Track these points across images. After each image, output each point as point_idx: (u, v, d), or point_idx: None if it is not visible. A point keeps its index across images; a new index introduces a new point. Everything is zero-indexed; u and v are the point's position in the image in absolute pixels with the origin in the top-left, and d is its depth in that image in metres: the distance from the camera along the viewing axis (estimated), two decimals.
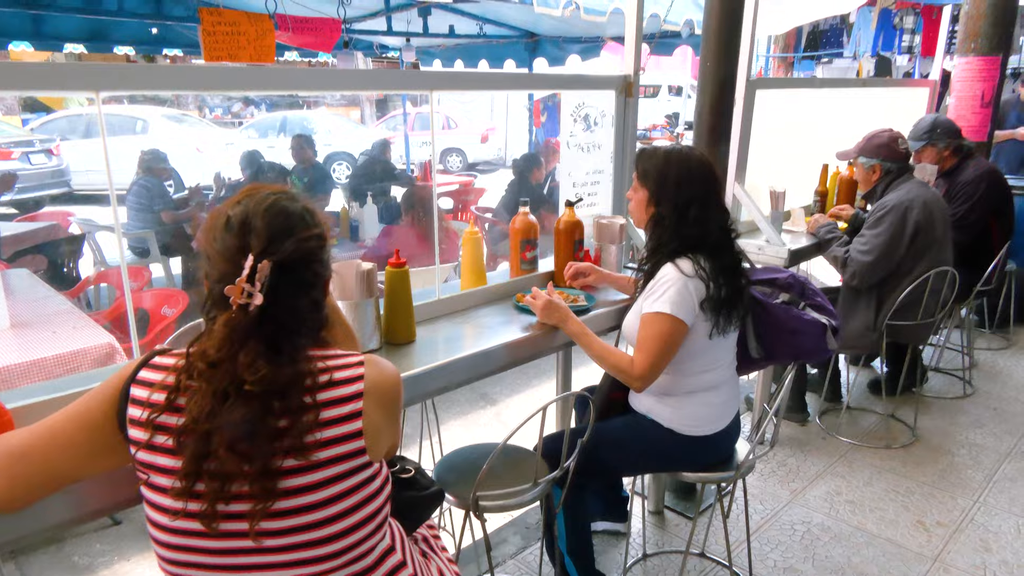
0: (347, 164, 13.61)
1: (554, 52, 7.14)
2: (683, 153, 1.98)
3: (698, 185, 1.92)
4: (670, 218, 1.93)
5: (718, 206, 1.96)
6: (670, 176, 1.94)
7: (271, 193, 1.12)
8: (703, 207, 1.91)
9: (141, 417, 1.03)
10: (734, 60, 2.44)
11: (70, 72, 1.38)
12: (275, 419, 1.02)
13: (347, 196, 6.65)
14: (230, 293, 1.03)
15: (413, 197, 4.39)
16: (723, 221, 1.95)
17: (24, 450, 1.07)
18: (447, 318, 2.17)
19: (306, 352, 1.09)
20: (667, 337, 1.87)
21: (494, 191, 8.07)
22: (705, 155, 2.02)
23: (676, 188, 1.93)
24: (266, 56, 5.42)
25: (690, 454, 2.05)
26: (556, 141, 6.54)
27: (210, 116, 17.53)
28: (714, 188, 1.95)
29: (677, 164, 1.95)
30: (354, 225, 4.89)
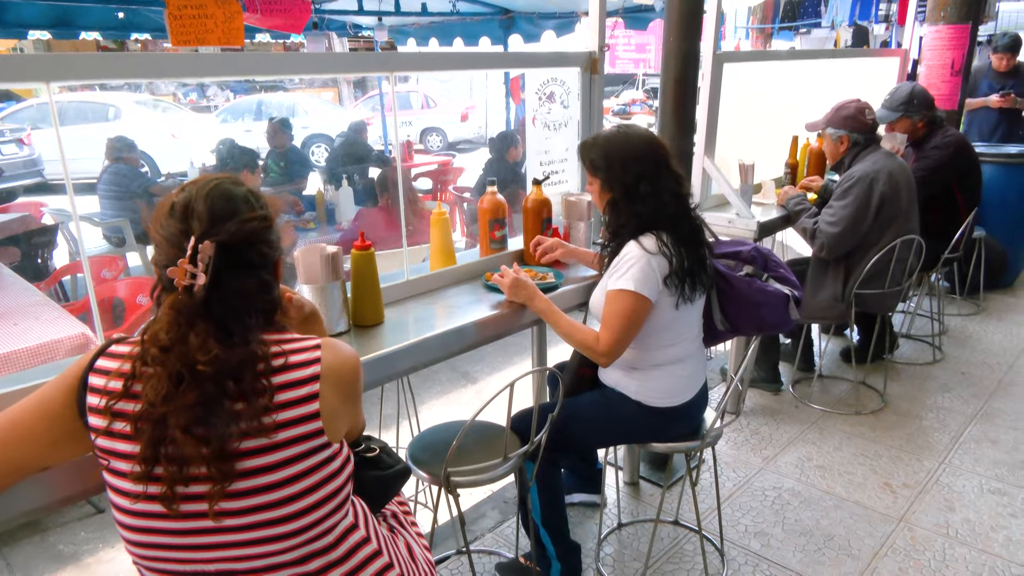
0: (326, 147, 13.48)
1: (529, 29, 7.09)
2: (621, 134, 2.00)
3: (642, 161, 1.94)
4: (623, 200, 1.97)
5: (670, 175, 1.97)
6: (613, 160, 1.97)
7: (215, 178, 1.13)
8: (652, 181, 1.93)
9: (99, 405, 1.05)
10: (696, 34, 2.45)
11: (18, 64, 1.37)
12: (230, 401, 1.04)
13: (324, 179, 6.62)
14: (173, 275, 1.04)
15: (387, 179, 4.37)
16: (676, 188, 1.97)
17: None
18: (416, 299, 2.19)
19: (258, 334, 1.10)
20: (631, 314, 1.90)
21: (473, 170, 8.05)
22: (644, 129, 2.04)
23: (622, 169, 1.95)
24: (235, 39, 5.34)
25: (658, 425, 2.09)
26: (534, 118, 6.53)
27: (185, 101, 17.26)
28: (660, 159, 1.96)
29: (618, 146, 1.97)
30: (330, 208, 4.87)
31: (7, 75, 1.37)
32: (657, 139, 2.01)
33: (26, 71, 1.38)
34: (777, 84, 3.72)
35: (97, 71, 1.45)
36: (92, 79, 1.41)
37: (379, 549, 1.23)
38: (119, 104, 12.04)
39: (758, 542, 2.43)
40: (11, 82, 1.30)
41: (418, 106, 15.55)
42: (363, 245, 1.89)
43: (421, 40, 7.76)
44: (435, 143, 15.43)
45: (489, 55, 2.22)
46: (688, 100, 2.51)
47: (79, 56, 1.39)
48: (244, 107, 14.29)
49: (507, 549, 2.46)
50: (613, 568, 2.36)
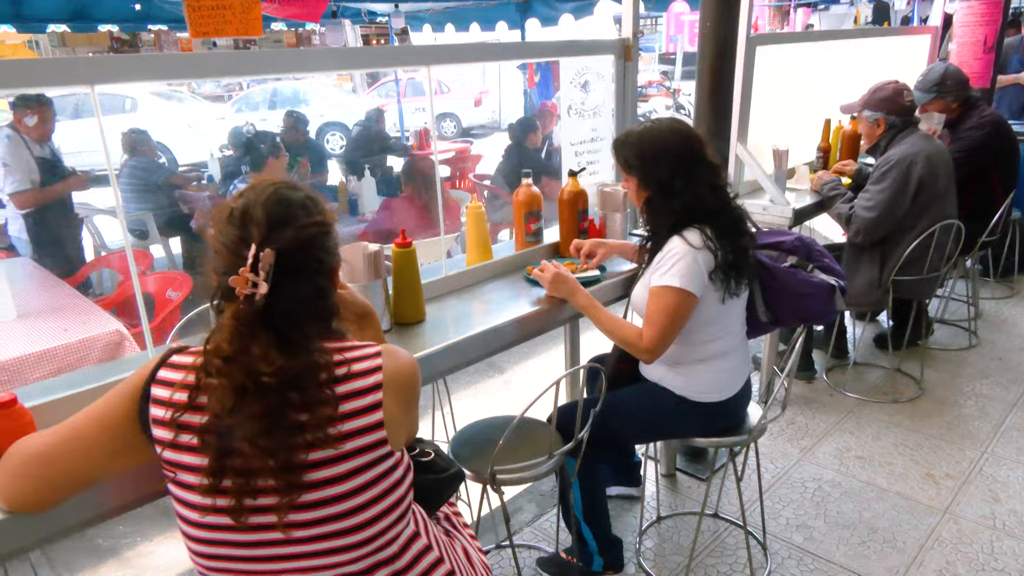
0: (340, 134, 13.46)
1: (546, 12, 7.00)
2: (652, 129, 1.96)
3: (676, 156, 1.90)
4: (659, 197, 1.94)
5: (706, 167, 1.92)
6: (647, 157, 1.93)
7: (272, 184, 1.11)
8: (688, 175, 1.90)
9: (164, 417, 1.04)
10: (734, 19, 2.39)
11: (62, 68, 1.35)
12: (294, 412, 1.02)
13: (343, 169, 6.59)
14: (235, 284, 1.02)
15: (412, 169, 4.35)
16: (713, 180, 1.93)
17: (47, 452, 1.08)
18: (455, 295, 2.16)
19: (318, 342, 1.08)
20: (676, 310, 1.87)
21: (490, 157, 7.99)
22: (677, 122, 2.00)
23: (656, 166, 1.92)
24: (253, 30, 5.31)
25: (702, 421, 2.07)
26: (553, 104, 6.45)
27: (199, 90, 17.25)
28: (694, 152, 1.92)
29: (650, 142, 1.93)
30: (352, 199, 4.85)
31: (54, 79, 1.36)
32: (691, 131, 1.97)
33: (72, 75, 1.36)
34: (807, 65, 3.64)
35: (138, 72, 1.43)
36: (134, 80, 1.39)
37: (441, 556, 1.22)
38: (136, 96, 12.06)
39: (801, 535, 2.41)
40: (59, 86, 1.28)
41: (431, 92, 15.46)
42: (404, 243, 1.87)
43: (437, 26, 7.70)
44: (449, 129, 15.36)
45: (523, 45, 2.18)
46: (725, 86, 2.46)
47: (122, 58, 1.37)
48: (259, 96, 14.28)
49: (546, 543, 2.46)
50: (654, 562, 2.35)
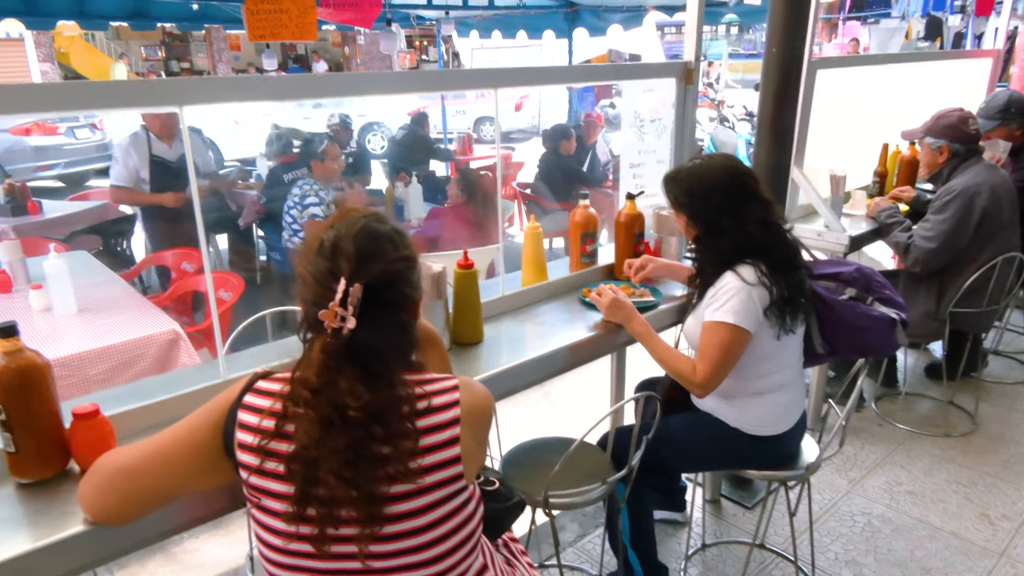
0: (381, 135, 13.59)
1: (594, 22, 6.99)
2: (702, 166, 1.96)
3: (725, 194, 1.89)
4: (706, 235, 1.94)
5: (758, 204, 1.91)
6: (695, 195, 1.93)
7: (361, 216, 1.13)
8: (736, 214, 1.88)
9: (251, 443, 1.06)
10: (800, 44, 2.36)
11: (152, 89, 1.39)
12: (377, 445, 1.04)
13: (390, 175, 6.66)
14: (324, 318, 1.04)
15: (463, 179, 4.38)
16: (765, 217, 1.91)
17: (133, 468, 1.12)
18: (510, 315, 2.17)
19: (401, 376, 1.10)
20: (730, 345, 1.85)
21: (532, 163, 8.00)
22: (727, 158, 1.99)
23: (703, 204, 1.91)
24: (308, 34, 5.41)
25: (756, 453, 2.04)
26: (598, 115, 6.44)
27: None
28: (744, 189, 1.90)
29: (698, 180, 1.93)
30: (399, 205, 4.90)
31: (143, 100, 1.40)
32: (741, 168, 1.96)
33: (161, 96, 1.40)
34: (864, 88, 3.58)
35: (224, 94, 1.47)
36: (221, 101, 1.42)
37: None
38: None
39: (850, 572, 2.37)
40: (148, 107, 1.32)
41: (472, 95, 15.53)
42: (466, 264, 1.89)
43: (484, 32, 7.73)
44: (488, 132, 15.41)
45: (589, 68, 2.18)
46: (787, 112, 2.43)
47: (210, 80, 1.40)
48: None
49: (590, 565, 2.45)
50: None
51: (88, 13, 6.13)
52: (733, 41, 24.73)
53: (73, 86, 1.30)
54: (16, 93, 1.27)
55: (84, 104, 1.31)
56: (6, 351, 1.25)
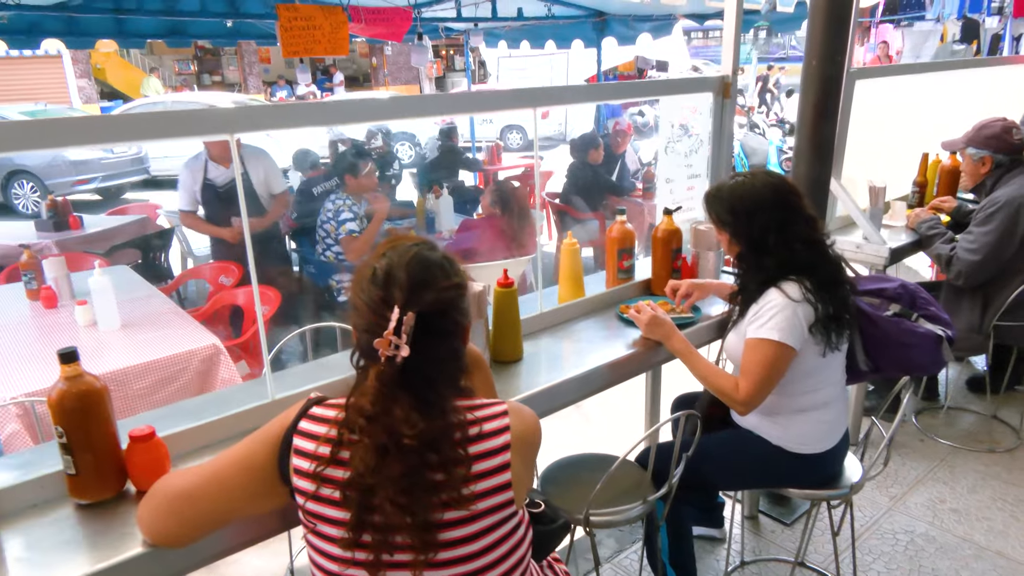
0: (409, 144, 13.71)
1: (623, 31, 6.99)
2: (746, 184, 1.94)
3: (769, 211, 1.88)
4: (750, 253, 1.93)
5: (801, 221, 1.89)
6: (739, 213, 1.92)
7: (413, 244, 1.15)
8: (781, 231, 1.87)
9: (308, 469, 1.08)
10: (841, 57, 2.34)
11: (205, 118, 1.42)
12: (431, 472, 1.05)
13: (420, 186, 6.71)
14: (379, 346, 1.06)
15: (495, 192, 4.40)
16: (810, 234, 1.89)
17: (191, 492, 1.14)
18: (548, 332, 2.17)
19: (453, 402, 1.11)
20: (774, 363, 1.84)
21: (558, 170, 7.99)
22: (770, 175, 1.97)
23: (748, 222, 1.91)
24: (340, 49, 5.49)
25: (798, 472, 2.02)
26: (628, 124, 6.43)
27: (275, 98, 17.87)
28: (788, 206, 1.89)
29: (741, 198, 1.92)
30: (430, 217, 4.93)
31: (196, 129, 1.44)
32: (785, 184, 1.95)
33: (213, 125, 1.44)
34: (902, 96, 3.53)
35: (276, 121, 1.50)
36: (270, 128, 1.45)
37: None
38: (217, 104, 12.55)
39: None
40: (201, 135, 1.35)
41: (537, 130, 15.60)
42: (506, 282, 1.90)
43: (512, 43, 7.77)
44: (515, 140, 15.47)
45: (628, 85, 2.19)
46: (827, 126, 2.40)
47: (259, 108, 1.43)
48: None
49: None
50: None
51: (126, 32, 6.29)
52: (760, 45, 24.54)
53: (132, 118, 1.35)
54: (80, 125, 1.32)
55: (144, 135, 1.35)
56: (67, 376, 1.29)
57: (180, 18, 5.90)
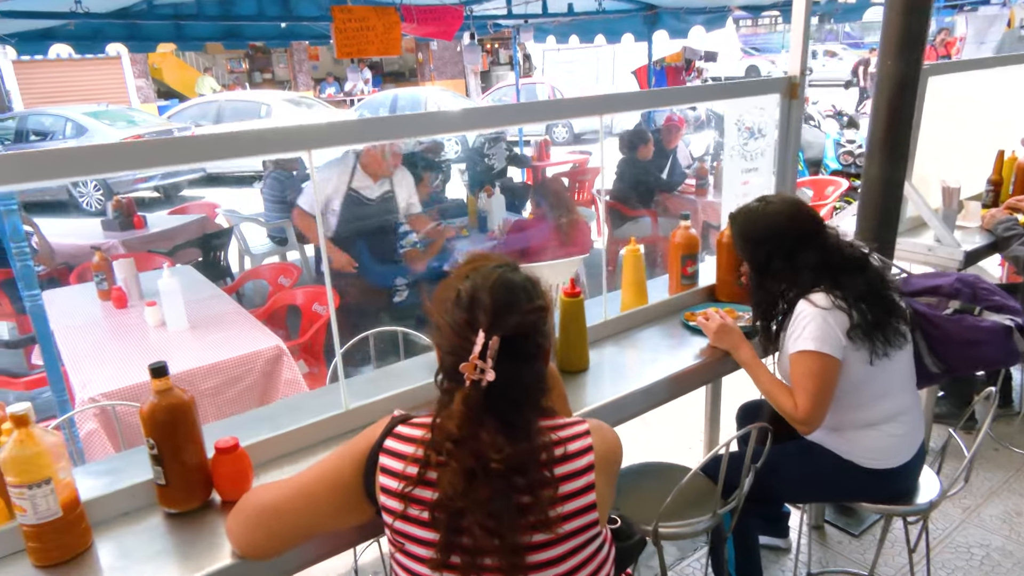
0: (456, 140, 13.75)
1: (675, 24, 6.87)
2: (758, 210, 1.95)
3: (779, 237, 1.89)
4: (754, 276, 1.97)
5: (811, 249, 1.87)
6: (748, 237, 1.96)
7: (497, 266, 1.15)
8: (788, 257, 1.88)
9: (395, 488, 1.09)
10: (918, 58, 2.25)
11: (282, 136, 1.45)
12: (518, 495, 1.06)
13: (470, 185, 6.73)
14: (464, 370, 1.06)
15: (544, 189, 4.38)
16: (821, 258, 1.86)
17: (278, 506, 1.17)
18: (612, 340, 2.16)
19: (537, 424, 1.11)
20: (820, 374, 1.79)
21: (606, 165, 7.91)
22: (788, 200, 1.97)
23: (754, 247, 1.94)
24: (392, 49, 5.54)
25: (871, 486, 1.96)
26: (680, 118, 6.32)
27: (324, 95, 18.16)
28: (800, 233, 1.88)
29: (752, 223, 1.95)
30: (482, 216, 4.94)
31: (274, 147, 1.46)
32: (801, 210, 1.93)
33: (289, 142, 1.46)
34: (974, 89, 3.38)
35: (343, 137, 1.52)
36: (345, 144, 1.47)
37: None
38: (270, 102, 12.82)
39: None
40: (278, 153, 1.38)
41: (544, 97, 15.56)
42: (573, 292, 1.89)
43: (561, 38, 7.72)
44: (561, 135, 15.38)
45: (692, 90, 2.16)
46: (902, 128, 2.31)
47: (335, 125, 1.45)
48: (379, 102, 14.85)
49: None
50: None
51: (185, 36, 6.46)
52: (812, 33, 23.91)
53: (211, 138, 1.37)
54: (162, 147, 1.36)
55: (220, 154, 1.37)
56: (158, 390, 1.33)
57: (237, 22, 6.02)
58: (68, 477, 1.26)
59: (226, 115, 12.63)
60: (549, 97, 15.62)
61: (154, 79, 17.54)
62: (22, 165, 1.17)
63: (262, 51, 20.18)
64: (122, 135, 10.35)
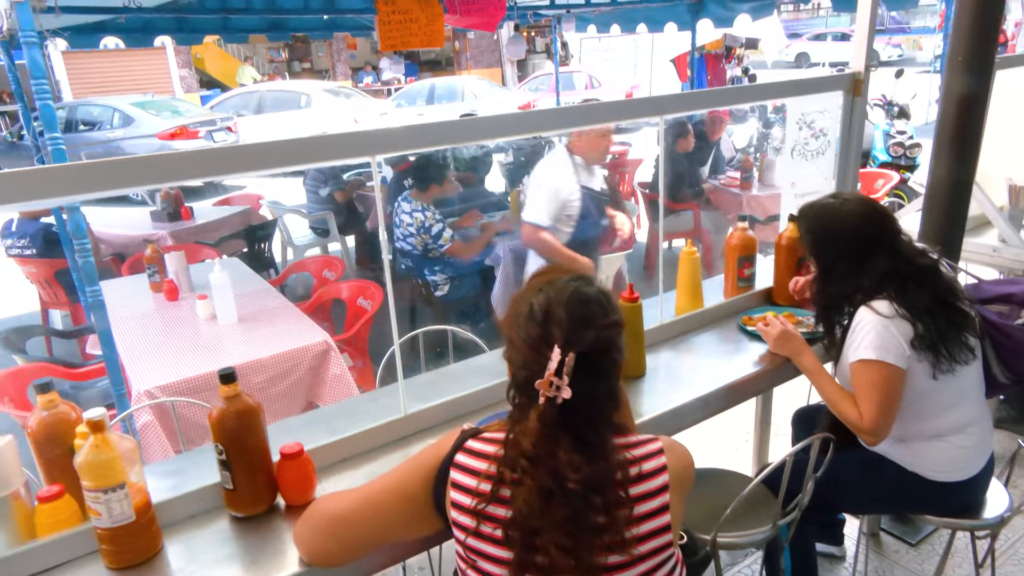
0: None
1: (719, 12, 6.72)
2: (833, 208, 1.88)
3: (850, 240, 1.83)
4: (819, 276, 1.91)
5: (885, 254, 1.80)
6: (817, 235, 1.90)
7: (571, 280, 1.13)
8: (854, 261, 1.81)
9: (467, 504, 1.08)
10: (991, 57, 2.16)
11: (348, 142, 1.44)
12: (594, 515, 1.04)
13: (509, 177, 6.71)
14: (540, 387, 1.05)
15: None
16: (891, 268, 1.78)
17: (348, 516, 1.17)
18: (667, 345, 2.12)
19: (612, 442, 1.09)
20: (883, 383, 1.74)
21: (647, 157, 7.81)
22: (864, 201, 1.89)
23: (824, 247, 1.88)
24: (435, 41, 5.52)
25: (938, 499, 1.91)
26: (724, 111, 6.19)
27: (362, 84, 18.24)
28: (872, 238, 1.82)
29: (825, 221, 1.89)
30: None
31: (338, 153, 1.45)
32: (877, 213, 1.86)
33: (354, 148, 1.45)
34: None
35: (410, 142, 1.51)
36: (406, 150, 1.46)
37: None
38: (310, 92, 12.92)
39: None
40: (344, 159, 1.37)
41: (582, 86, 15.41)
42: (631, 297, 1.86)
43: (602, 27, 7.62)
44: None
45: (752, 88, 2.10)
46: (972, 126, 2.22)
47: (398, 130, 1.44)
48: (417, 91, 14.87)
49: None
50: None
51: (231, 28, 6.54)
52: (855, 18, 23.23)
53: (284, 144, 1.38)
54: (226, 155, 1.36)
55: (292, 160, 1.38)
56: (227, 396, 1.35)
57: (281, 15, 6.06)
58: (141, 481, 1.28)
59: (267, 105, 12.77)
60: (586, 86, 15.47)
61: (197, 69, 17.81)
62: (114, 171, 1.18)
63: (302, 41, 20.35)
64: (167, 125, 10.55)
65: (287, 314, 3.48)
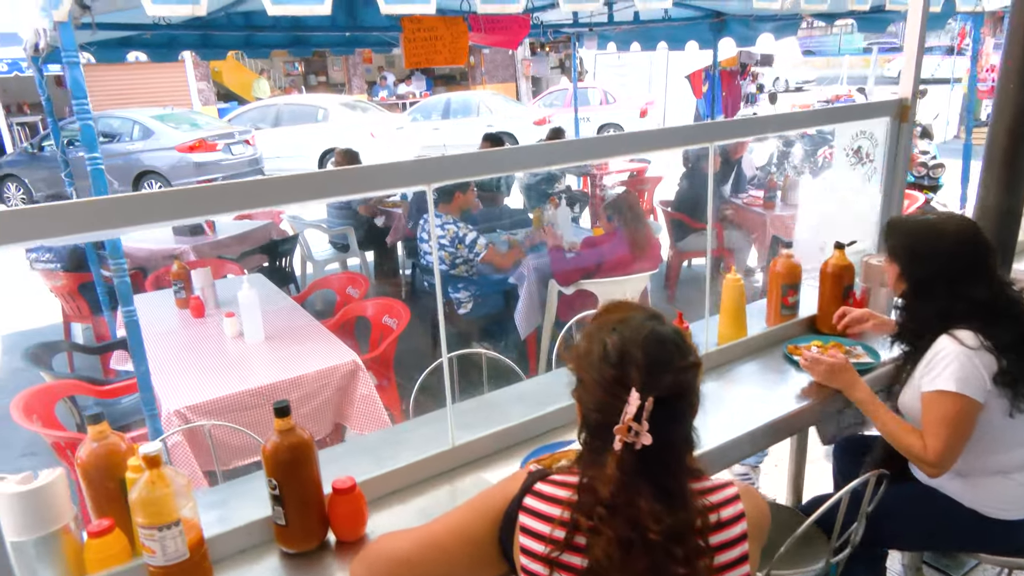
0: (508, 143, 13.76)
1: (742, 31, 6.71)
2: (933, 224, 1.82)
3: (948, 262, 1.75)
4: (912, 296, 1.83)
5: (979, 280, 1.74)
6: (915, 254, 1.82)
7: (645, 319, 1.09)
8: (952, 282, 1.74)
9: (538, 551, 1.04)
10: None
11: (403, 171, 1.42)
12: (676, 566, 1.00)
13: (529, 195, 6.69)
14: (618, 433, 1.01)
15: (618, 203, 4.31)
16: (985, 297, 1.73)
17: (410, 558, 1.14)
18: (712, 375, 2.08)
19: (690, 489, 1.06)
20: (959, 417, 1.68)
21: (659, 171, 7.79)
22: (962, 222, 1.82)
23: (921, 266, 1.80)
24: (459, 58, 5.53)
25: (996, 537, 1.85)
26: None
27: (377, 98, 18.35)
28: (970, 263, 1.74)
29: (923, 240, 1.81)
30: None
31: (391, 182, 1.44)
32: (975, 237, 1.79)
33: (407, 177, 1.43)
34: None
35: (466, 170, 1.48)
36: (462, 178, 1.43)
37: None
38: (327, 106, 13.00)
39: None
40: (397, 187, 1.35)
41: (596, 102, 15.43)
42: (682, 327, 1.82)
43: (622, 45, 7.62)
44: None
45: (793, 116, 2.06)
46: (1021, 156, 2.19)
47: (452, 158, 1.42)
48: (432, 105, 14.92)
49: None
50: None
51: (254, 44, 6.59)
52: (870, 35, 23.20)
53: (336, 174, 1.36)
54: (283, 185, 1.34)
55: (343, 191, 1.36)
56: (280, 429, 1.32)
57: (305, 32, 6.10)
58: (194, 517, 1.26)
59: (284, 118, 12.85)
60: (601, 102, 15.48)
61: (214, 81, 17.97)
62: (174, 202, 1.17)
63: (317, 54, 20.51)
64: (186, 137, 10.62)
65: (313, 332, 3.45)
